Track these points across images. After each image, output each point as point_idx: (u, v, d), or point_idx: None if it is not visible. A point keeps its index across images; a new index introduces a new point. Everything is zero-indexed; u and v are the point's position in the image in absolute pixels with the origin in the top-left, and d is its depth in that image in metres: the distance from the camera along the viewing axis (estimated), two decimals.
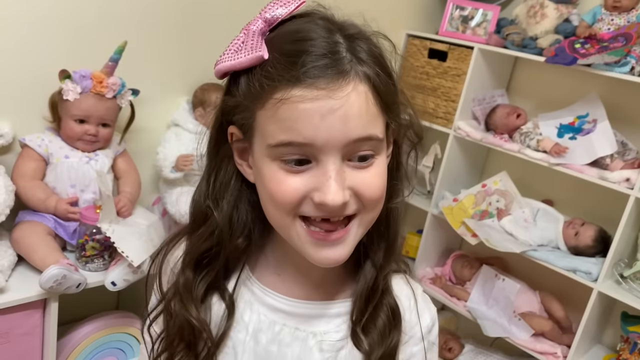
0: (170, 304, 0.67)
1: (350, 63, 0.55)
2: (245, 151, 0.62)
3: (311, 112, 0.53)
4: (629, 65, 1.75)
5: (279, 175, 0.57)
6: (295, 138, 0.54)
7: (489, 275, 2.18)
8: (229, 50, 0.58)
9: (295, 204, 0.57)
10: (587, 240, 1.94)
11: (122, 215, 1.44)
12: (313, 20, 0.59)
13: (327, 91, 0.54)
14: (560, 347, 1.98)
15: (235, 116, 0.59)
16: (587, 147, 1.88)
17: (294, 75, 0.53)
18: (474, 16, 2.15)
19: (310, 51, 0.54)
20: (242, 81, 0.57)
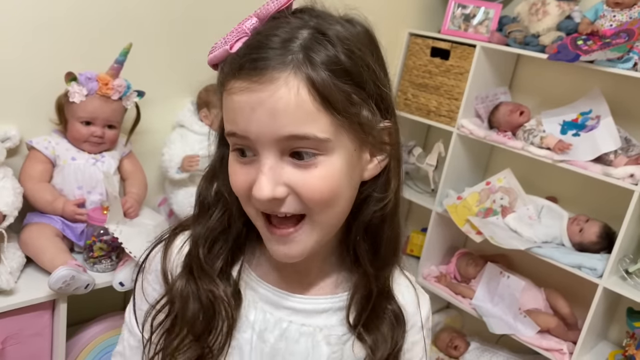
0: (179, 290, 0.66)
1: (293, 56, 0.54)
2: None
3: (242, 103, 0.55)
4: (631, 61, 1.76)
5: (234, 165, 0.60)
6: (233, 129, 0.57)
7: (494, 273, 2.18)
8: (218, 43, 0.60)
9: (246, 194, 0.59)
10: (591, 236, 1.94)
11: (129, 216, 1.45)
12: (297, 16, 0.58)
13: (258, 83, 0.54)
14: (566, 344, 1.98)
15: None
16: (591, 144, 1.88)
17: (235, 67, 0.56)
18: (475, 14, 2.16)
19: (264, 43, 0.56)
20: (217, 76, 0.61)
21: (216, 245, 0.66)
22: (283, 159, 0.57)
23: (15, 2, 1.37)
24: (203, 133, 1.68)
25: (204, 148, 1.67)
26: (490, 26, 2.13)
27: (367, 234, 0.66)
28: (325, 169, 0.57)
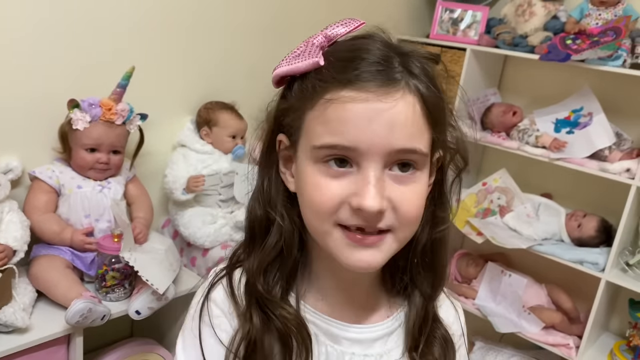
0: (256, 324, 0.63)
1: (401, 74, 0.56)
2: (289, 160, 0.63)
3: (358, 114, 0.54)
4: (621, 58, 1.80)
5: (319, 179, 0.57)
6: (340, 141, 0.55)
7: (495, 272, 2.21)
8: (287, 58, 0.59)
9: (333, 209, 0.56)
10: (590, 231, 1.98)
11: (138, 241, 1.42)
12: (371, 38, 0.60)
13: (376, 95, 0.54)
14: (572, 338, 2.01)
15: (285, 119, 0.60)
16: (586, 140, 1.92)
17: (346, 77, 0.55)
18: (463, 18, 2.18)
19: (364, 58, 0.56)
20: (295, 85, 0.59)
21: (271, 274, 0.64)
22: (384, 172, 0.56)
23: (13, 29, 1.33)
24: (205, 152, 1.66)
25: (206, 167, 1.65)
26: (479, 29, 2.15)
27: (423, 255, 0.66)
28: (419, 184, 0.59)
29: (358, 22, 0.60)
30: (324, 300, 0.66)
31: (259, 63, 1.86)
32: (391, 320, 0.69)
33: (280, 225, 0.63)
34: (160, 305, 1.36)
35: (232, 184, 1.69)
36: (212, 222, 1.62)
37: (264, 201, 0.65)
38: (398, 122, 0.54)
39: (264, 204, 0.65)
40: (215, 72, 1.77)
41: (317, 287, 0.66)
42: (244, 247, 0.67)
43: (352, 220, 0.56)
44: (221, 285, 0.66)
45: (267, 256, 0.64)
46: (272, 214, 0.64)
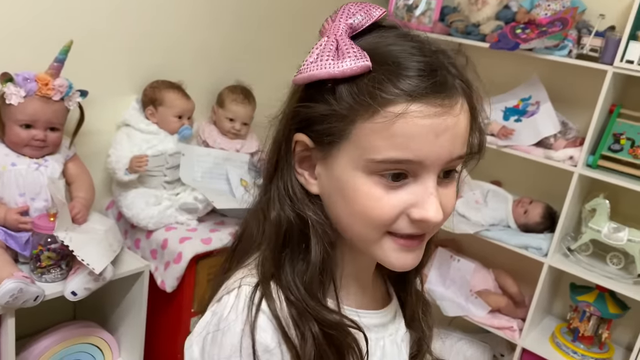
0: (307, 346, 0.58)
1: (453, 79, 0.56)
2: (306, 161, 0.61)
3: (428, 129, 0.53)
4: (567, 48, 1.84)
5: (376, 191, 0.55)
6: (406, 156, 0.53)
7: (445, 257, 2.25)
8: (318, 56, 0.55)
9: (391, 221, 0.56)
10: (535, 217, 2.03)
11: (77, 221, 1.38)
12: (398, 32, 0.59)
13: (444, 108, 0.53)
14: (516, 321, 2.07)
15: (317, 125, 0.57)
16: (532, 128, 1.96)
17: (413, 91, 0.52)
18: (418, 5, 2.19)
19: (420, 67, 0.54)
20: (342, 90, 0.55)
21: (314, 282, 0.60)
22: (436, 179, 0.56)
23: None
24: (150, 132, 1.63)
25: (151, 147, 1.62)
26: (433, 16, 2.17)
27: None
28: (454, 184, 0.60)
29: (378, 9, 0.59)
30: (351, 295, 0.66)
31: (207, 43, 1.83)
32: (394, 299, 0.74)
33: (318, 227, 0.60)
34: (98, 286, 1.33)
35: (178, 165, 1.66)
36: (156, 204, 1.60)
37: (292, 203, 0.61)
38: (460, 133, 0.55)
39: (294, 205, 0.60)
40: (163, 51, 1.73)
41: (344, 284, 0.64)
42: (274, 257, 0.60)
43: (408, 230, 0.57)
44: (262, 315, 0.57)
45: (317, 264, 0.59)
46: (306, 216, 0.60)
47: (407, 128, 0.52)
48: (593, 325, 1.94)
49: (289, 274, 0.60)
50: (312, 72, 0.55)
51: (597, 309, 1.88)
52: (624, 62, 1.71)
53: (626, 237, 1.81)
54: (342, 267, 0.64)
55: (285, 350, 0.57)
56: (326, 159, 0.58)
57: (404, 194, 0.55)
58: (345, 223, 0.59)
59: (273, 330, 0.57)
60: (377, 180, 0.55)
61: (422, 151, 0.53)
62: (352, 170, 0.56)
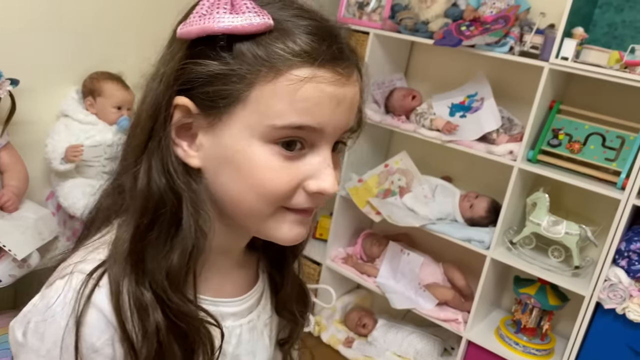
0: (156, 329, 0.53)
1: (349, 51, 0.55)
2: (185, 129, 0.54)
3: (331, 96, 0.51)
4: (507, 45, 1.87)
5: (275, 162, 0.52)
6: (309, 122, 0.51)
7: (395, 251, 2.27)
8: (211, 9, 0.50)
9: (289, 194, 0.53)
10: (480, 211, 2.06)
11: (7, 209, 1.40)
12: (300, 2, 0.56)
13: (344, 77, 0.52)
14: (462, 314, 2.10)
15: (206, 87, 0.51)
16: (475, 124, 2.00)
17: (319, 55, 0.50)
18: (369, 2, 2.22)
19: (321, 33, 0.52)
20: (241, 48, 0.50)
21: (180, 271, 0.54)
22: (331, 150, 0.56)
23: None
24: (88, 122, 1.65)
25: (89, 137, 1.63)
26: (383, 14, 2.20)
27: None
28: (339, 161, 0.59)
29: None
30: (209, 282, 0.61)
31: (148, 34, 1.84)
32: (260, 281, 0.70)
33: (195, 207, 0.54)
34: (23, 272, 1.35)
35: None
36: (93, 194, 1.61)
37: (168, 178, 0.53)
38: (355, 104, 0.55)
39: (169, 181, 0.53)
40: (103, 42, 1.75)
41: (205, 270, 0.59)
42: (134, 237, 0.54)
43: (304, 204, 0.54)
44: (93, 309, 0.52)
45: (187, 250, 0.54)
46: (182, 194, 0.53)
47: (313, 93, 0.50)
48: (535, 317, 1.97)
49: (151, 260, 0.53)
50: (206, 24, 0.50)
51: (538, 300, 1.91)
52: (560, 59, 1.75)
53: (564, 230, 1.85)
54: (207, 250, 0.57)
55: (119, 347, 0.52)
56: (213, 126, 0.53)
57: (301, 165, 0.53)
58: (234, 199, 0.54)
59: (104, 326, 0.52)
60: (275, 150, 0.52)
61: (324, 118, 0.52)
62: (248, 139, 0.52)
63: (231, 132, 0.52)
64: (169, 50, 0.55)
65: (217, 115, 0.52)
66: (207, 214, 0.55)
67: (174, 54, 0.53)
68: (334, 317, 2.44)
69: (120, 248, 0.54)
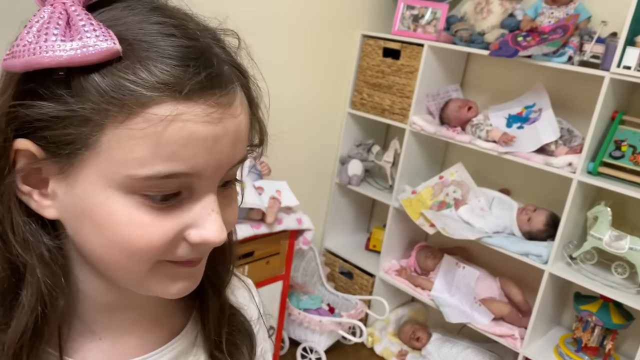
0: None
1: (229, 69, 0.44)
2: (33, 174, 0.44)
3: (205, 134, 0.41)
4: (566, 55, 1.84)
5: (141, 216, 0.42)
6: (179, 168, 0.41)
7: (450, 264, 2.25)
8: (40, 33, 0.40)
9: (162, 250, 0.44)
10: (539, 225, 2.02)
11: None
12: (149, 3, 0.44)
13: (222, 107, 0.42)
14: (519, 330, 2.05)
15: (46, 131, 0.41)
16: (533, 135, 1.96)
17: (182, 85, 0.40)
18: (424, 15, 2.23)
19: (187, 53, 0.41)
20: (82, 83, 0.40)
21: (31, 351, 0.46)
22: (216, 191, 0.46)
23: None
24: None
25: None
26: (438, 26, 2.20)
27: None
28: (235, 191, 0.50)
29: None
30: (102, 340, 0.52)
31: None
32: (189, 328, 0.58)
33: (48, 268, 0.45)
34: None
35: None
36: None
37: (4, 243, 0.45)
38: (242, 134, 0.45)
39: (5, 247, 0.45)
40: None
41: (88, 330, 0.51)
42: None
43: (186, 256, 0.45)
44: None
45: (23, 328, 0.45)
46: (23, 259, 0.44)
47: (179, 134, 0.40)
48: (598, 335, 1.90)
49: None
50: (33, 56, 0.39)
51: (600, 318, 1.85)
52: (622, 68, 1.70)
53: (628, 245, 1.78)
54: (89, 311, 0.50)
55: None
56: (64, 173, 0.43)
57: (178, 213, 0.44)
58: (101, 257, 0.45)
59: None
60: (141, 201, 0.42)
61: (198, 161, 0.42)
62: (104, 190, 0.42)
63: (85, 182, 0.42)
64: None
65: (67, 161, 0.42)
66: (70, 274, 0.47)
67: (4, 90, 0.43)
68: (387, 330, 2.44)
69: None
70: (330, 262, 2.60)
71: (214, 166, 0.43)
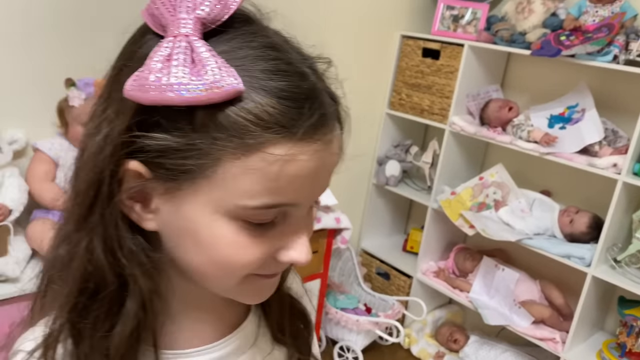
0: None
1: (330, 105, 0.46)
2: (137, 190, 0.46)
3: (310, 171, 0.44)
4: (611, 54, 1.80)
5: (243, 239, 0.46)
6: (283, 200, 0.45)
7: (490, 266, 2.23)
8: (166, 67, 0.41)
9: (255, 268, 0.48)
10: (581, 227, 1.98)
11: None
12: (264, 37, 0.45)
13: (325, 144, 0.45)
14: (560, 333, 2.02)
15: (162, 159, 0.43)
16: (576, 136, 1.93)
17: (298, 127, 0.42)
18: (464, 15, 2.22)
19: (302, 93, 0.43)
20: (203, 118, 0.42)
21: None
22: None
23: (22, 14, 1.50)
24: None
25: None
26: (479, 26, 2.19)
27: None
28: (315, 214, 0.55)
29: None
30: (176, 333, 0.55)
31: None
32: (252, 315, 0.62)
33: (149, 275, 0.48)
34: None
35: None
36: None
37: (109, 253, 0.47)
38: (334, 166, 0.48)
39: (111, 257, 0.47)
40: None
41: (173, 322, 0.55)
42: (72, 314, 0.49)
43: (273, 270, 0.50)
44: None
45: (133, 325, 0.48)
46: (127, 270, 0.47)
47: (289, 172, 0.43)
48: None
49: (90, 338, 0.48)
50: (163, 92, 0.41)
51: None
52: None
53: None
54: (169, 307, 0.53)
55: None
56: (171, 194, 0.45)
57: (272, 236, 0.47)
58: (197, 270, 0.49)
59: None
60: (242, 225, 0.45)
61: (301, 194, 0.46)
62: (211, 214, 0.45)
63: (193, 204, 0.45)
64: (111, 101, 0.46)
65: (176, 185, 0.44)
66: (166, 280, 0.51)
67: (117, 114, 0.44)
68: (424, 331, 2.43)
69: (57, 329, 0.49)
70: (367, 263, 2.61)
71: (312, 197, 0.48)
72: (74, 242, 0.48)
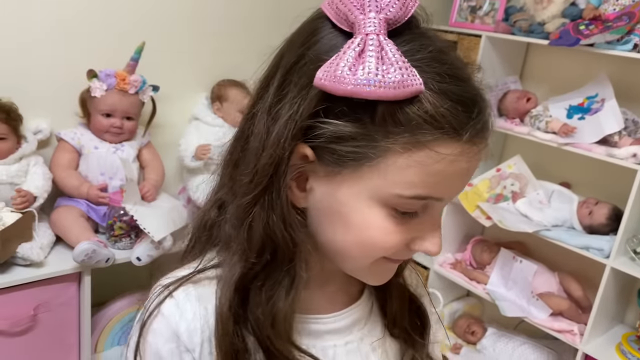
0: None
1: (489, 110, 0.50)
2: (301, 174, 0.51)
3: (465, 170, 0.48)
4: (631, 42, 1.78)
5: (388, 225, 0.49)
6: (433, 194, 0.48)
7: (507, 258, 2.22)
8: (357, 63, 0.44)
9: (393, 251, 0.51)
10: (600, 218, 1.96)
11: (146, 199, 1.59)
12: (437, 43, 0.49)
13: (480, 150, 0.49)
14: (578, 325, 2.00)
15: (334, 144, 0.47)
16: (595, 126, 1.91)
17: (465, 130, 0.46)
18: (482, 5, 2.21)
19: (473, 99, 0.47)
20: (384, 112, 0.45)
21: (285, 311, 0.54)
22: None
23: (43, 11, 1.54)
24: (216, 125, 1.82)
25: (218, 139, 1.81)
26: (496, 16, 2.18)
27: None
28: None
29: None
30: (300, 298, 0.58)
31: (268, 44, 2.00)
32: (365, 298, 0.65)
33: (305, 250, 0.52)
34: (159, 254, 1.52)
35: None
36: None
37: (285, 224, 0.51)
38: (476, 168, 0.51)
39: (286, 227, 0.51)
40: (230, 53, 1.93)
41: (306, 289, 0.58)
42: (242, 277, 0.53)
43: (404, 256, 0.54)
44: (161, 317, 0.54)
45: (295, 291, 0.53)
46: (298, 240, 0.52)
47: (449, 170, 0.47)
48: None
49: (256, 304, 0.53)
50: (358, 86, 0.44)
51: None
52: None
53: None
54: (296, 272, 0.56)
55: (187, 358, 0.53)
56: (329, 177, 0.49)
57: (411, 225, 0.50)
58: (337, 248, 0.53)
59: (169, 335, 0.53)
60: (390, 212, 0.49)
61: (451, 190, 0.50)
62: (366, 200, 0.49)
63: (350, 189, 0.49)
64: (295, 86, 0.48)
65: (338, 170, 0.48)
66: (310, 254, 0.53)
67: (305, 98, 0.47)
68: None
69: (225, 287, 0.53)
70: None
71: (454, 195, 0.51)
72: (250, 214, 0.51)
